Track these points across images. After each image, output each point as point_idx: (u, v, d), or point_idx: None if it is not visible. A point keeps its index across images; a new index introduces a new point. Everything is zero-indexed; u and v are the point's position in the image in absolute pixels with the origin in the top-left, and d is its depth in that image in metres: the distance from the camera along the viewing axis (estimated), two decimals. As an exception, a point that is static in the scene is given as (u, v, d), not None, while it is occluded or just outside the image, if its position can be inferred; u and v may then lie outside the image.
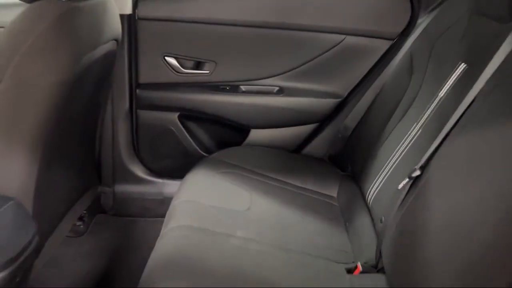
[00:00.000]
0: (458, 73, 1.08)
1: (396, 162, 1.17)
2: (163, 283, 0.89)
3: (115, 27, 1.28)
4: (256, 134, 1.66)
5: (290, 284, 0.96)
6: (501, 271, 0.66)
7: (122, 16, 1.41)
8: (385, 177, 1.19)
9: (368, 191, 1.25)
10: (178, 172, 1.53)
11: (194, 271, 0.93)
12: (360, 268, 1.06)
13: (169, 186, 1.71)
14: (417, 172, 0.98)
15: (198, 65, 1.62)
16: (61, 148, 1.20)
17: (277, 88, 1.62)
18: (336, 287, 1.00)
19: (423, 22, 1.42)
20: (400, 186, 1.03)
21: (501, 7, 0.97)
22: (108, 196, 1.72)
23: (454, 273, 0.75)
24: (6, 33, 0.97)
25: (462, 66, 1.07)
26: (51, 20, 0.99)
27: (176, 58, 1.59)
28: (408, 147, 1.15)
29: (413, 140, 1.14)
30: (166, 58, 1.59)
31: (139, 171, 1.71)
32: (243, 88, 1.63)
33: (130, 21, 1.50)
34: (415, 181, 0.99)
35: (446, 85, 1.10)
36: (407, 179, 1.01)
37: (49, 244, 1.22)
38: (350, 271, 1.07)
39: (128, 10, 1.48)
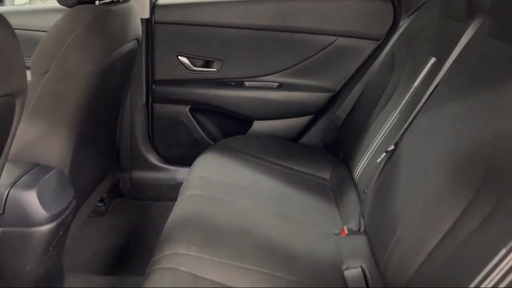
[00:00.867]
0: (429, 66, 1.27)
1: (378, 144, 1.35)
2: (180, 235, 1.08)
3: (137, 28, 1.48)
4: (258, 125, 1.84)
5: (285, 241, 1.14)
6: (448, 209, 0.85)
7: (141, 20, 1.61)
8: (369, 156, 1.37)
9: (356, 170, 1.43)
10: (188, 159, 1.67)
11: (205, 227, 1.12)
12: (346, 231, 1.25)
13: (181, 172, 1.88)
14: (392, 147, 1.17)
15: (207, 64, 1.82)
16: (91, 131, 1.40)
17: (277, 84, 1.81)
18: (324, 245, 1.18)
19: (403, 25, 1.60)
20: (379, 160, 1.22)
21: (461, 10, 1.16)
22: (126, 181, 1.90)
23: (414, 217, 0.93)
24: (52, 32, 1.17)
25: (432, 60, 1.26)
26: (88, 22, 1.19)
27: (187, 57, 1.79)
28: (388, 130, 1.33)
29: (392, 124, 1.33)
30: (179, 57, 1.79)
31: (154, 158, 1.90)
32: (247, 83, 1.81)
33: (148, 24, 1.70)
34: (390, 155, 1.18)
35: (420, 77, 1.29)
36: (384, 154, 1.20)
37: (79, 214, 1.42)
38: (337, 234, 1.25)
39: (146, 14, 1.68)
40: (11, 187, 1.03)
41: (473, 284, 0.71)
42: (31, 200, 1.03)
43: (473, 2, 1.11)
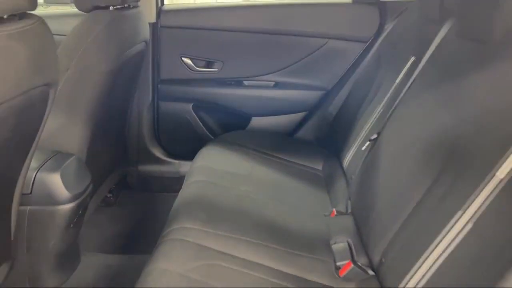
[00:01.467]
0: (409, 64, 1.41)
1: (365, 135, 1.49)
2: (187, 213, 1.21)
3: (146, 31, 1.63)
4: (256, 121, 1.98)
5: (280, 220, 1.28)
6: (419, 184, 0.98)
7: (148, 24, 1.75)
8: (357, 146, 1.51)
9: (345, 159, 1.57)
10: (191, 154, 1.78)
11: (208, 206, 1.26)
12: (335, 212, 1.38)
13: (184, 166, 2.01)
14: (375, 136, 1.31)
15: (208, 64, 1.96)
16: (104, 125, 1.53)
17: (273, 83, 1.95)
18: (315, 224, 1.32)
19: (388, 28, 1.75)
20: (363, 148, 1.36)
21: (435, 14, 1.30)
22: (133, 174, 2.04)
23: (391, 193, 1.08)
24: (72, 34, 1.32)
25: (412, 58, 1.40)
26: (103, 25, 1.33)
27: (191, 59, 1.93)
28: (373, 123, 1.48)
29: (376, 117, 1.47)
30: (183, 58, 1.93)
31: (159, 153, 2.04)
32: (245, 83, 1.96)
33: (154, 28, 1.85)
34: (373, 143, 1.32)
35: (401, 74, 1.43)
36: (368, 142, 1.34)
37: (92, 202, 1.55)
38: (327, 215, 1.39)
39: (153, 19, 1.83)
40: (37, 171, 1.16)
41: (437, 241, 0.85)
42: (56, 181, 1.16)
43: (445, 7, 1.25)
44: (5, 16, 0.74)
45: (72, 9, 1.62)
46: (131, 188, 2.06)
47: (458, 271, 0.79)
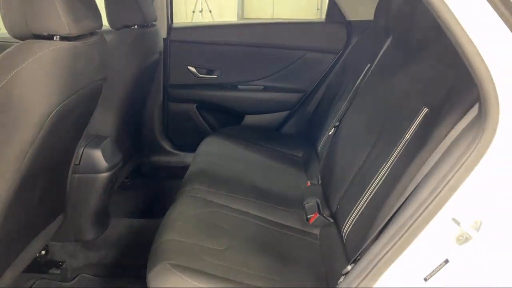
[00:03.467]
0: (365, 70, 1.83)
1: (332, 125, 1.90)
2: (196, 178, 1.61)
3: (161, 44, 2.04)
4: (249, 119, 2.38)
5: (266, 188, 1.68)
6: (362, 151, 1.39)
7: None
8: (326, 136, 1.92)
9: (319, 145, 1.97)
10: (195, 146, 2.12)
11: (212, 175, 1.65)
12: (309, 183, 1.78)
13: (189, 157, 2.37)
14: (338, 123, 1.73)
15: (209, 72, 2.35)
16: (126, 119, 1.93)
17: (262, 87, 2.35)
18: (293, 191, 1.71)
19: (353, 42, 2.17)
20: (330, 133, 1.77)
21: (383, 31, 1.73)
22: (146, 164, 2.41)
23: (343, 161, 1.48)
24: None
25: (368, 65, 1.82)
26: (130, 40, 1.74)
27: (195, 67, 2.34)
28: (338, 115, 1.89)
29: (340, 111, 1.88)
30: (189, 67, 2.33)
31: (168, 146, 2.42)
32: (239, 87, 2.36)
33: (165, 42, 2.26)
34: (337, 128, 1.73)
35: (360, 77, 1.85)
36: (333, 129, 1.75)
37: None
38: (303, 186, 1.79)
39: (164, 35, 2.24)
40: (84, 147, 1.55)
41: (368, 186, 1.25)
42: (98, 155, 1.54)
43: (387, 26, 1.68)
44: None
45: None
46: (143, 176, 2.42)
47: (379, 200, 1.18)
